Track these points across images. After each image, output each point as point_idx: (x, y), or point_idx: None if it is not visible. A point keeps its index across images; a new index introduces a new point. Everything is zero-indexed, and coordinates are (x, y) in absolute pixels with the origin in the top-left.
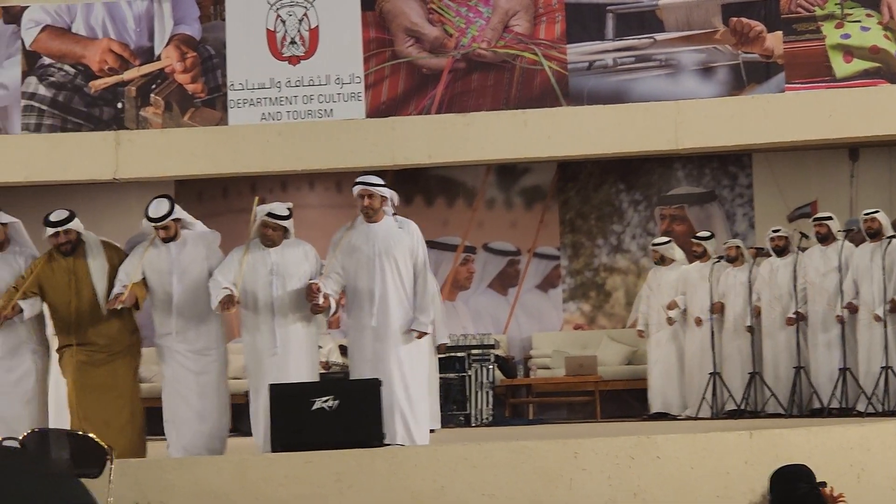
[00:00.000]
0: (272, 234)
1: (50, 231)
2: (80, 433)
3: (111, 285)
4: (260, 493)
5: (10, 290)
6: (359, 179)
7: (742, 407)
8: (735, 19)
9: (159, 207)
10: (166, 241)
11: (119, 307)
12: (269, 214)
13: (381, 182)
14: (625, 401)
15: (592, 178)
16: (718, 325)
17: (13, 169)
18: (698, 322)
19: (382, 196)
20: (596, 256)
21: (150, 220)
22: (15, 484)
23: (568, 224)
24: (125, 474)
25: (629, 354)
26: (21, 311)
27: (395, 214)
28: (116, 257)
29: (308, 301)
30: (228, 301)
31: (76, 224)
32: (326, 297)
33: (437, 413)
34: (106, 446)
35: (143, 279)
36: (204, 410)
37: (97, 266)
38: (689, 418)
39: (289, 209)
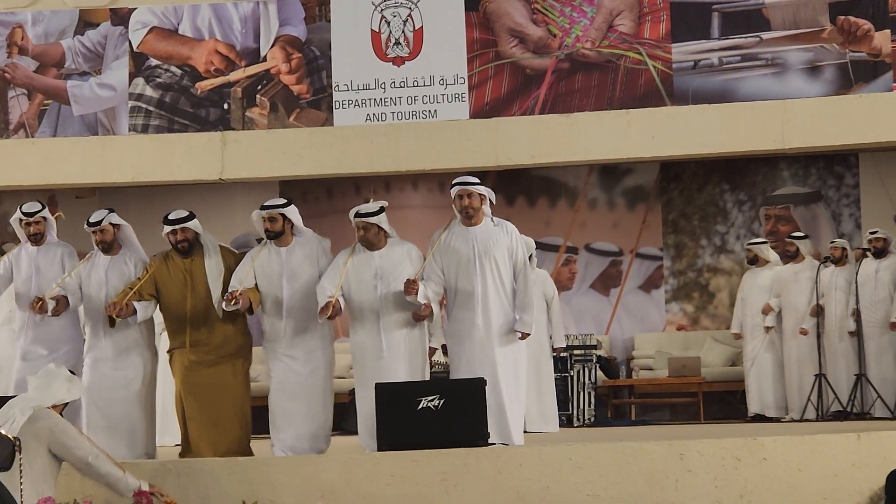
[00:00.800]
0: (365, 235)
1: (168, 228)
2: None
3: (226, 289)
4: (366, 491)
5: (125, 289)
6: (456, 181)
7: (848, 409)
8: (842, 18)
9: (275, 199)
10: (271, 236)
11: (233, 308)
12: (357, 214)
13: (478, 181)
14: (728, 402)
15: (696, 178)
16: (821, 326)
17: (121, 169)
18: (803, 332)
19: (481, 195)
20: (699, 257)
21: (262, 207)
22: None
23: (671, 224)
24: (233, 473)
25: (732, 356)
26: (134, 312)
27: (491, 215)
28: (233, 260)
29: (405, 296)
30: (330, 309)
31: (194, 224)
32: (428, 303)
33: (554, 415)
34: (12, 438)
35: (255, 284)
36: (310, 411)
37: (213, 267)
38: (793, 420)
39: (381, 207)
